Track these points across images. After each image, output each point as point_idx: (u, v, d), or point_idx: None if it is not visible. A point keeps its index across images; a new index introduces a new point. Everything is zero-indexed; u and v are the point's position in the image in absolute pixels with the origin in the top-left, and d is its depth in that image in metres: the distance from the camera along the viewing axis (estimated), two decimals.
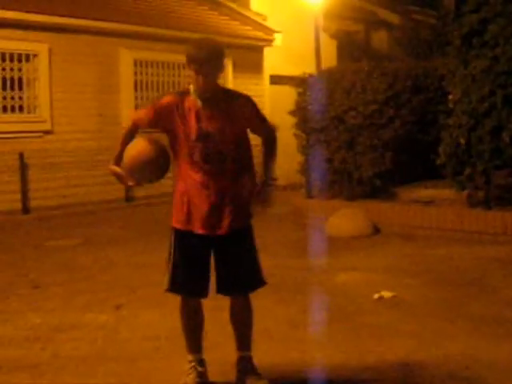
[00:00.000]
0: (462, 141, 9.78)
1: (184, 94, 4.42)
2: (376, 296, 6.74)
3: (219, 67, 4.33)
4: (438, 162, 10.16)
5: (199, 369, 4.55)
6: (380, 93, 11.10)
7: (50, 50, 13.17)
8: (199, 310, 4.61)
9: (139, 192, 13.77)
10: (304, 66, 13.47)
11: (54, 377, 4.89)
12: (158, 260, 8.60)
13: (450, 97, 10.18)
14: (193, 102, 4.34)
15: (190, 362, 4.57)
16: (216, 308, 5.07)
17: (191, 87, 4.38)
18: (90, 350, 5.41)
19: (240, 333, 4.64)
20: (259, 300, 6.70)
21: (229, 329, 4.72)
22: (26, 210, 12.63)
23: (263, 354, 5.20)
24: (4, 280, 7.88)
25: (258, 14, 17.88)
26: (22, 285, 7.64)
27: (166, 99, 4.41)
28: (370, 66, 11.62)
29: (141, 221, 12.24)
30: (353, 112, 11.24)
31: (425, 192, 10.86)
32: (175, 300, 6.63)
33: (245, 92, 4.69)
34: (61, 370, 5.01)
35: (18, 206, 12.54)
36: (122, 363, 5.10)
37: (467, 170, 9.86)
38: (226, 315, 4.71)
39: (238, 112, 4.43)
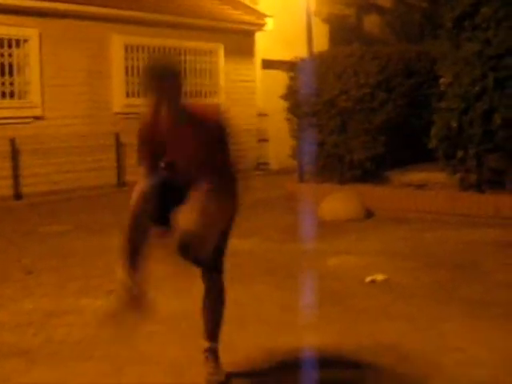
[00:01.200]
0: (454, 124, 9.79)
1: (152, 120, 4.30)
2: (368, 279, 6.76)
3: (177, 87, 4.17)
4: (430, 145, 10.17)
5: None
6: (372, 76, 11.10)
7: (41, 35, 13.11)
8: None
9: (131, 177, 13.75)
10: (296, 51, 13.43)
11: (47, 361, 4.89)
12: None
13: (442, 80, 10.18)
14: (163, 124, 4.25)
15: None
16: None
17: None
18: (84, 335, 5.41)
19: (208, 317, 4.53)
20: (253, 284, 6.74)
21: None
22: (17, 196, 12.60)
23: (255, 338, 5.23)
24: None
25: None
26: (14, 271, 7.63)
27: (140, 131, 4.40)
28: (361, 49, 11.61)
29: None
30: (344, 96, 11.23)
31: (417, 175, 10.88)
32: (170, 284, 6.66)
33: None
34: (54, 355, 5.01)
35: (10, 192, 12.52)
36: (116, 347, 5.10)
37: (459, 154, 9.88)
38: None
39: (205, 136, 4.25)
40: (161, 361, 4.74)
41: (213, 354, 4.47)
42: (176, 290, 6.38)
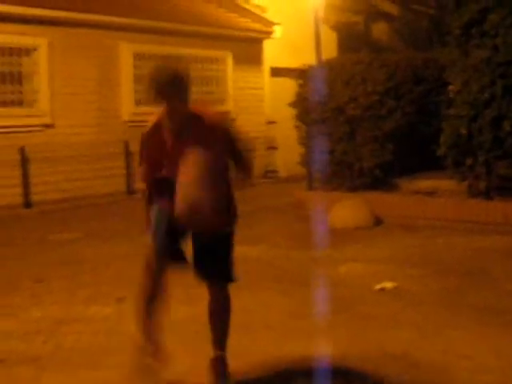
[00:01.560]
0: (463, 131, 9.78)
1: (157, 127, 4.26)
2: (378, 287, 6.75)
3: (184, 92, 4.11)
4: (439, 152, 10.16)
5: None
6: (380, 84, 11.10)
7: (50, 44, 13.17)
8: None
9: (140, 185, 13.77)
10: (304, 58, 13.47)
11: (56, 369, 4.90)
12: None
13: (451, 87, 10.18)
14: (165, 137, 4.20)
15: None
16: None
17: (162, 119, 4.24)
18: (93, 343, 5.43)
19: (214, 331, 4.50)
20: (260, 291, 6.75)
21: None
22: (27, 204, 12.64)
23: (264, 345, 5.23)
24: (7, 274, 7.90)
25: (257, 6, 17.88)
26: (24, 279, 7.65)
27: (143, 135, 4.39)
28: (370, 57, 11.61)
29: (143, 213, 12.22)
30: (353, 103, 11.24)
31: (426, 183, 10.87)
32: (177, 292, 6.65)
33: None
34: (64, 363, 5.02)
35: (20, 200, 12.56)
36: (125, 355, 5.10)
37: (468, 161, 9.87)
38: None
39: (209, 142, 4.14)
40: (170, 370, 4.74)
41: (220, 362, 4.45)
42: (187, 296, 6.38)
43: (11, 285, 7.39)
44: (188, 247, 4.44)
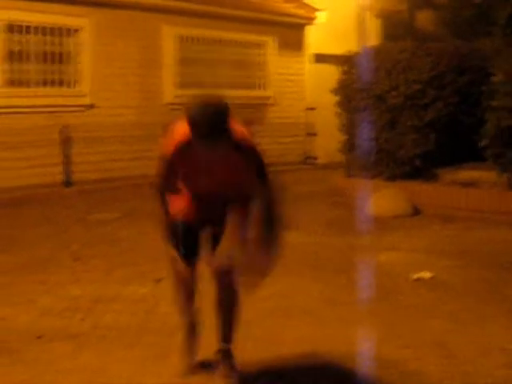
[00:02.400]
0: (505, 123, 9.66)
1: (189, 144, 3.94)
2: (415, 276, 6.72)
3: (224, 130, 3.84)
4: (481, 143, 10.06)
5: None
6: (423, 73, 11.00)
7: (94, 25, 13.24)
8: None
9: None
10: (347, 45, 13.40)
11: (94, 347, 4.96)
12: None
13: (494, 78, 10.05)
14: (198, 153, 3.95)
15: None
16: None
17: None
18: (130, 322, 5.48)
19: (221, 322, 4.45)
20: (298, 277, 6.76)
21: None
22: (68, 183, 12.76)
23: (300, 331, 5.24)
24: (46, 252, 7.99)
25: None
26: (63, 256, 7.75)
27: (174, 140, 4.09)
28: (414, 45, 11.51)
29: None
30: (394, 92, 11.15)
31: (466, 174, 10.76)
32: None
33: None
34: (101, 341, 5.08)
35: (61, 179, 12.68)
36: (161, 336, 5.15)
37: (509, 153, 9.75)
38: None
39: (242, 163, 4.07)
40: (205, 350, 4.77)
41: (226, 355, 4.41)
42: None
43: (51, 262, 7.49)
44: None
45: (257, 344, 4.94)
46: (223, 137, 3.82)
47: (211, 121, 3.75)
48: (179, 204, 4.27)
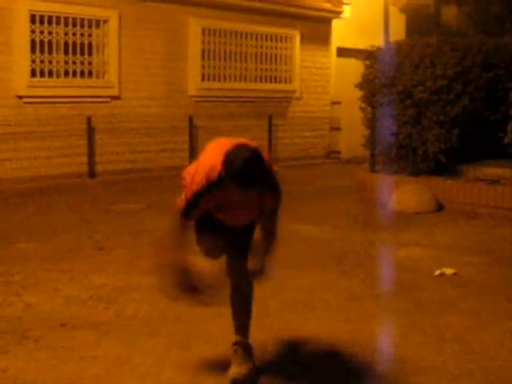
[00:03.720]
0: None
1: (220, 183, 3.95)
2: (437, 272, 6.72)
3: (263, 180, 3.91)
4: (506, 140, 10.00)
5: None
6: (449, 68, 10.94)
7: (120, 16, 13.29)
8: None
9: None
10: (372, 39, 13.37)
11: (117, 335, 5.02)
12: None
13: None
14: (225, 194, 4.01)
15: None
16: None
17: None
18: (153, 311, 5.53)
19: (235, 314, 4.48)
20: (320, 271, 6.78)
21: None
22: (92, 173, 12.85)
23: (322, 325, 5.26)
24: (70, 241, 8.07)
25: None
26: (87, 246, 7.82)
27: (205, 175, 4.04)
28: (439, 40, 11.45)
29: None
30: (421, 87, 11.11)
31: (490, 170, 10.71)
32: None
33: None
34: (124, 330, 5.14)
35: (85, 169, 12.76)
36: (183, 325, 5.21)
37: None
38: None
39: (270, 200, 4.23)
40: (226, 340, 4.81)
41: (242, 347, 4.40)
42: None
43: (75, 251, 7.56)
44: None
45: (277, 336, 4.97)
46: (262, 184, 3.92)
47: (253, 175, 3.80)
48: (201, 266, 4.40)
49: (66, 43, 12.62)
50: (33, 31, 12.06)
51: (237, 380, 4.26)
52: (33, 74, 12.17)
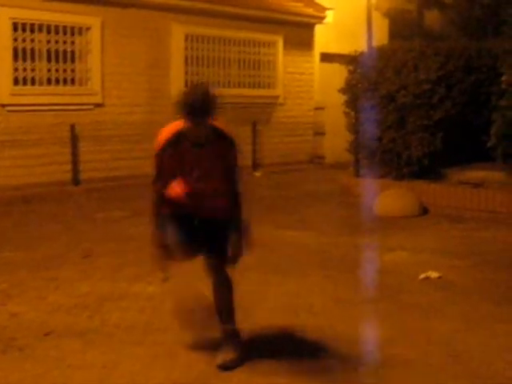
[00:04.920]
0: None
1: (180, 136, 4.53)
2: (422, 276, 6.73)
3: (210, 113, 4.40)
4: (489, 143, 10.06)
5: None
6: (432, 72, 10.99)
7: (103, 24, 13.26)
8: None
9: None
10: (355, 44, 13.40)
11: (102, 343, 4.99)
12: None
13: (504, 78, 10.05)
14: (186, 147, 4.51)
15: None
16: None
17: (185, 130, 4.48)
18: (138, 320, 5.51)
19: (218, 307, 4.75)
20: (306, 277, 6.78)
21: None
22: (76, 181, 12.79)
23: (307, 329, 5.26)
24: (55, 249, 8.03)
25: None
26: (72, 254, 7.78)
27: (163, 137, 4.62)
28: (422, 44, 11.50)
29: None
30: (403, 91, 11.16)
31: (475, 174, 10.76)
32: None
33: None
34: (109, 338, 5.11)
35: (69, 177, 12.71)
36: (168, 333, 5.18)
37: None
38: None
39: (224, 151, 4.60)
40: (211, 347, 4.80)
41: (229, 334, 4.71)
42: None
43: (60, 259, 7.53)
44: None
45: (263, 342, 4.97)
46: (208, 116, 4.36)
47: (200, 98, 4.33)
48: (176, 190, 4.65)
49: (49, 51, 12.58)
50: (15, 39, 12.02)
51: (225, 365, 4.55)
52: (16, 82, 12.12)
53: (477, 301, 6.02)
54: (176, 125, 4.57)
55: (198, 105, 4.32)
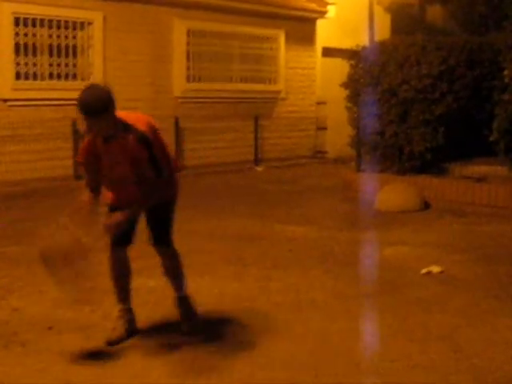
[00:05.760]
0: None
1: (91, 141, 4.91)
2: (424, 271, 6.73)
3: (108, 114, 4.64)
4: (491, 138, 10.04)
5: (128, 316, 5.12)
6: (434, 67, 10.98)
7: (105, 18, 13.26)
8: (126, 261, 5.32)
9: (190, 161, 13.91)
10: (357, 39, 13.38)
11: (103, 338, 4.98)
12: (206, 227, 8.70)
13: (506, 72, 10.03)
14: (98, 142, 4.83)
15: (119, 310, 5.15)
16: None
17: None
18: (140, 314, 5.49)
19: (171, 277, 5.25)
20: (307, 271, 6.78)
21: None
22: (78, 176, 12.79)
23: (309, 324, 5.26)
24: None
25: None
26: None
27: (84, 144, 5.02)
28: (424, 39, 11.48)
29: (189, 190, 12.31)
30: (405, 85, 11.14)
31: (477, 168, 10.75)
32: (223, 268, 6.75)
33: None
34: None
35: (71, 171, 12.71)
36: (170, 327, 5.19)
37: None
38: None
39: (131, 144, 4.76)
40: (212, 342, 4.81)
41: (184, 301, 5.20)
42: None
43: None
44: None
45: (264, 336, 4.97)
46: (103, 114, 4.59)
47: (89, 99, 4.63)
48: (108, 193, 5.14)
49: (51, 45, 12.60)
50: (17, 34, 12.04)
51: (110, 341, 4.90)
52: (17, 76, 12.13)
53: (478, 295, 6.01)
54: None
55: (89, 105, 4.59)
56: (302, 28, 17.07)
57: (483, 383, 4.27)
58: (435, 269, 6.75)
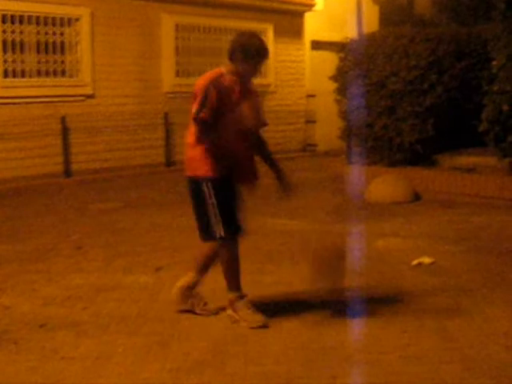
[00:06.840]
0: (505, 107, 9.67)
1: (221, 75, 5.18)
2: (415, 262, 6.74)
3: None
4: (481, 128, 10.06)
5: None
6: (422, 58, 11.00)
7: (92, 14, 13.22)
8: None
9: (179, 157, 13.88)
10: (345, 31, 13.38)
11: (95, 335, 4.98)
12: None
13: (494, 62, 10.05)
14: (232, 80, 5.20)
15: (242, 297, 5.19)
16: None
17: (223, 69, 5.23)
18: (132, 311, 5.50)
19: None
20: (298, 264, 6.77)
21: None
22: (68, 173, 12.78)
23: (302, 318, 5.26)
24: (47, 241, 8.02)
25: None
26: (64, 246, 7.77)
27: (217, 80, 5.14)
28: (412, 31, 11.50)
29: (181, 185, 12.29)
30: (394, 77, 11.16)
31: (466, 159, 10.78)
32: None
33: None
34: (103, 329, 5.10)
35: (61, 169, 12.70)
36: (162, 324, 5.18)
37: (510, 137, 9.76)
38: None
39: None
40: (207, 338, 4.81)
41: (234, 302, 5.19)
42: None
43: (52, 252, 7.51)
44: None
45: (257, 330, 4.98)
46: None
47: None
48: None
49: (38, 42, 12.55)
50: (4, 31, 11.98)
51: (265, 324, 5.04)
52: (5, 74, 12.08)
53: (469, 286, 6.03)
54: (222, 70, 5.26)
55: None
56: (290, 21, 17.06)
57: (475, 373, 4.28)
58: (426, 260, 6.77)
